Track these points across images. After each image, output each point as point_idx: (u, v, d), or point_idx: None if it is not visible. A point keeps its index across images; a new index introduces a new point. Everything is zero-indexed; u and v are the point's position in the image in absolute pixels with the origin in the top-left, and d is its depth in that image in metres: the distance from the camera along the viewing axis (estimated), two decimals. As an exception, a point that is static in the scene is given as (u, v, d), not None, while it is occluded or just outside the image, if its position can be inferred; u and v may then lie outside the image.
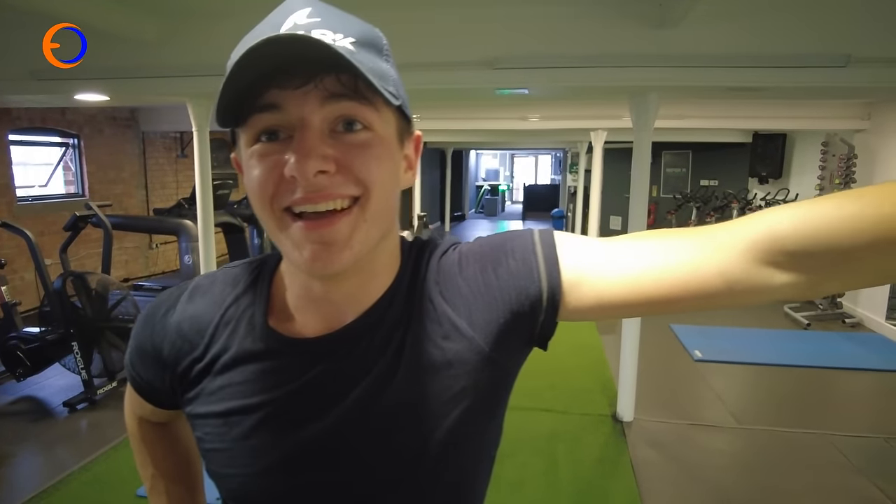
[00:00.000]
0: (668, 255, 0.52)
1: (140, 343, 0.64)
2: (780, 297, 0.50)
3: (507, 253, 0.57)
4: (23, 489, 2.78)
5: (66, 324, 3.67)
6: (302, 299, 0.59)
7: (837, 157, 5.78)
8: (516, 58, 2.71)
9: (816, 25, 2.46)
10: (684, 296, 0.52)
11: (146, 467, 0.77)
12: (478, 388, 0.57)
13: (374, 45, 0.52)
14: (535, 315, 0.56)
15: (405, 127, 0.56)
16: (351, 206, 0.50)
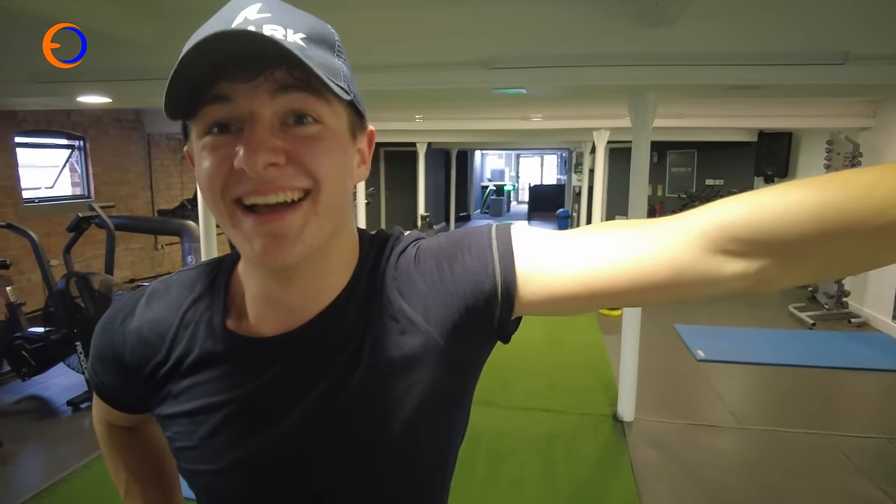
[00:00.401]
0: (618, 246, 0.52)
1: (100, 351, 0.64)
2: (730, 288, 0.49)
3: (464, 249, 0.58)
4: (26, 486, 2.81)
5: (69, 324, 3.71)
6: (259, 299, 0.59)
7: (842, 155, 5.73)
8: (511, 58, 2.71)
9: (814, 23, 2.44)
10: (634, 287, 0.51)
11: (119, 473, 0.77)
12: (436, 381, 0.57)
13: (325, 41, 0.52)
14: (491, 309, 0.56)
15: (358, 122, 0.56)
16: (302, 200, 0.51)
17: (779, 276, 0.48)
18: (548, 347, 4.66)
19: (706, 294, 0.51)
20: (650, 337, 3.76)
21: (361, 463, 0.57)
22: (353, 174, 0.57)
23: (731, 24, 2.54)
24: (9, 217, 5.31)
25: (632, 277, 0.51)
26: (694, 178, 9.60)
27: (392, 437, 0.57)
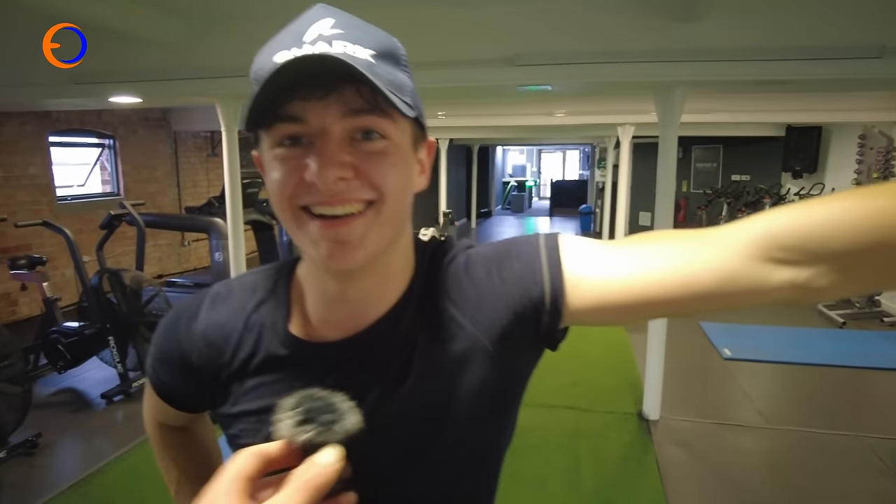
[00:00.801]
0: (666, 255, 0.53)
1: (164, 352, 0.66)
2: (778, 298, 0.50)
3: (512, 256, 0.60)
4: (64, 477, 2.91)
5: (102, 319, 3.81)
6: (320, 302, 0.61)
7: (875, 150, 5.59)
8: (537, 54, 2.70)
9: (848, 16, 2.39)
10: (683, 295, 0.52)
11: (170, 471, 0.79)
12: (484, 385, 0.59)
13: (392, 56, 0.54)
14: (539, 316, 0.57)
15: (419, 134, 0.58)
16: (365, 210, 0.53)
17: (828, 286, 0.48)
18: (573, 344, 4.55)
19: (754, 303, 0.52)
20: (675, 335, 3.72)
21: (412, 464, 0.59)
22: (414, 184, 0.59)
23: (760, 19, 2.50)
24: (43, 214, 5.48)
25: (681, 286, 0.52)
26: (720, 173, 9.44)
27: (442, 439, 0.59)
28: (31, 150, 5.71)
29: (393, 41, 0.55)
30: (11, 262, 3.82)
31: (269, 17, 2.91)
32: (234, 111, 3.83)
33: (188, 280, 6.32)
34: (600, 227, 10.43)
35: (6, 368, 3.03)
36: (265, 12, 2.87)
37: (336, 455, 0.43)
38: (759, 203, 8.35)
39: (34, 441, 3.11)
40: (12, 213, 5.19)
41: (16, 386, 3.03)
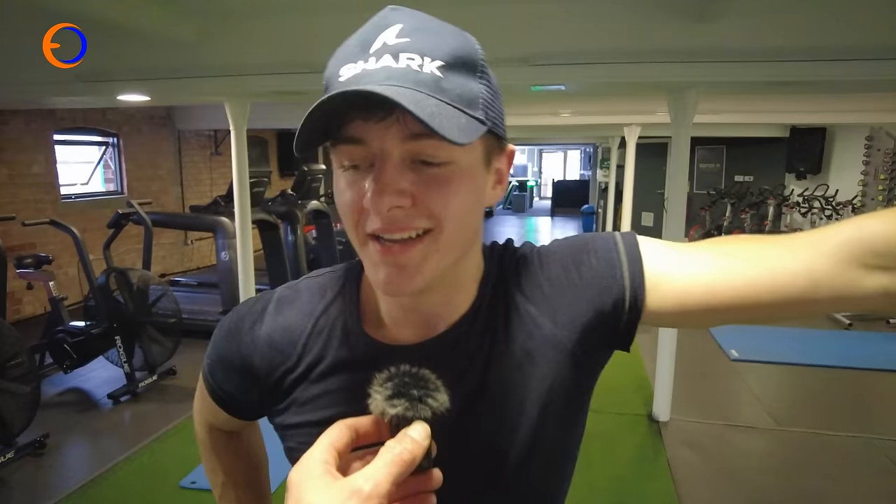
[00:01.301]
0: (750, 258, 0.53)
1: (224, 355, 0.64)
2: (870, 306, 0.49)
3: (590, 252, 0.59)
4: (73, 478, 2.89)
5: (109, 318, 3.79)
6: (393, 308, 0.60)
7: (883, 151, 5.59)
8: (552, 54, 2.69)
9: (866, 17, 2.38)
10: (769, 300, 0.51)
11: (216, 474, 0.78)
12: (563, 386, 0.59)
13: (466, 62, 0.50)
14: (618, 314, 0.57)
15: (495, 145, 0.55)
16: (424, 236, 0.51)
17: None
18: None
19: (842, 309, 0.51)
20: (683, 336, 3.72)
21: (496, 463, 0.59)
22: (486, 199, 0.56)
23: (778, 19, 2.48)
24: (48, 212, 5.46)
25: (768, 290, 0.51)
26: (723, 174, 9.44)
27: (521, 438, 0.58)
28: (35, 148, 5.69)
29: (468, 44, 0.51)
30: (18, 260, 3.80)
31: (278, 16, 2.90)
32: (242, 110, 3.81)
33: (192, 279, 6.31)
34: (603, 228, 10.42)
35: (14, 368, 3.00)
36: (275, 11, 2.85)
37: (425, 431, 0.44)
38: (762, 204, 8.35)
39: (42, 441, 3.09)
40: (17, 211, 5.15)
41: (24, 385, 3.01)
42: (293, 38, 2.95)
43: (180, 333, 4.11)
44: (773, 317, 0.54)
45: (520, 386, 0.58)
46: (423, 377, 0.46)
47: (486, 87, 0.51)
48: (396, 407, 0.44)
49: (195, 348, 4.56)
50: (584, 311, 0.57)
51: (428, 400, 0.45)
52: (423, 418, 0.44)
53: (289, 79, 3.06)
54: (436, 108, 0.45)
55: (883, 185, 5.56)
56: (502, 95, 0.55)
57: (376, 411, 0.45)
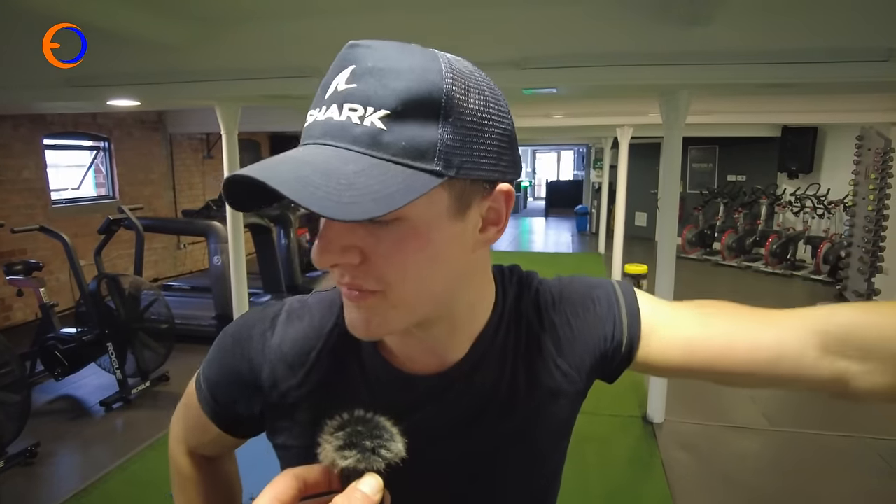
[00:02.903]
0: (738, 325, 0.58)
1: (230, 363, 0.61)
2: (825, 387, 0.56)
3: (594, 300, 0.63)
4: (64, 487, 2.86)
5: (100, 324, 3.76)
6: (402, 338, 0.58)
7: (873, 150, 5.62)
8: (544, 58, 2.69)
9: (855, 19, 2.39)
10: (741, 364, 0.57)
11: (190, 502, 0.73)
12: (568, 413, 0.64)
13: (421, 105, 0.44)
14: (613, 357, 0.62)
15: (476, 189, 0.49)
16: (376, 293, 0.48)
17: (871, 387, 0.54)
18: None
19: (801, 388, 0.57)
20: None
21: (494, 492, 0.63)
22: (467, 247, 0.51)
23: (768, 22, 2.49)
24: (38, 218, 5.41)
25: (740, 357, 0.57)
26: (715, 174, 9.48)
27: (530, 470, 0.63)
28: (25, 153, 5.64)
29: (427, 83, 0.44)
30: (8, 267, 3.76)
31: (268, 20, 2.88)
32: (233, 113, 3.80)
33: (184, 283, 6.26)
34: (597, 228, 10.44)
35: (3, 376, 2.97)
36: (265, 15, 2.83)
37: (377, 484, 0.41)
38: (755, 203, 8.39)
39: (33, 450, 3.06)
40: (6, 217, 5.11)
41: (14, 394, 2.97)
42: (283, 42, 2.93)
43: (173, 339, 4.08)
44: (743, 383, 0.60)
45: (544, 419, 0.61)
46: (378, 426, 0.44)
47: (450, 129, 0.45)
48: (347, 459, 0.42)
49: (188, 354, 4.53)
50: (590, 354, 0.62)
51: (381, 451, 0.42)
52: (375, 470, 0.42)
53: (279, 83, 3.04)
54: (350, 178, 0.41)
55: (874, 185, 5.59)
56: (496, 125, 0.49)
57: (326, 461, 0.43)
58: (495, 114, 0.48)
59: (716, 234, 8.77)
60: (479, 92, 0.47)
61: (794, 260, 7.69)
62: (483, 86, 0.48)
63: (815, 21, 2.44)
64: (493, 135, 0.48)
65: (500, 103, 0.49)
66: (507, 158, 0.50)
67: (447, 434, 0.59)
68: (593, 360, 0.62)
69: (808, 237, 7.59)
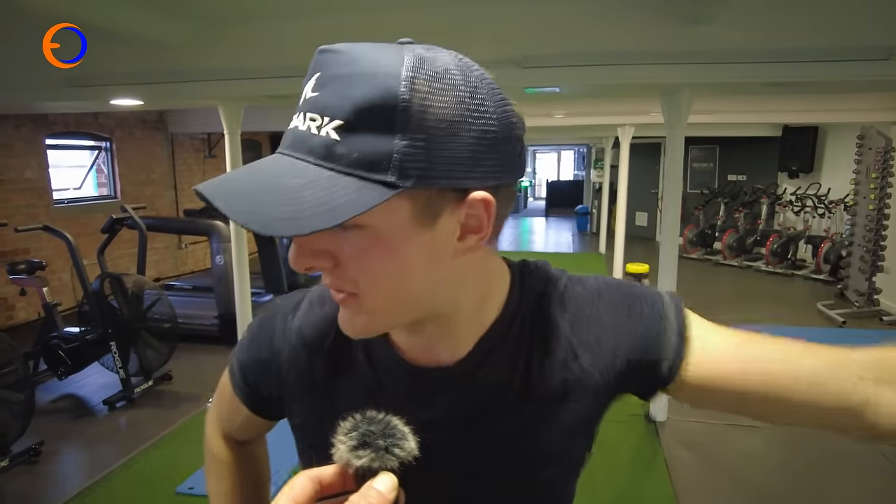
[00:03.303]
0: (793, 360, 0.57)
1: (256, 346, 0.65)
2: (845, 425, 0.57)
3: (641, 301, 0.60)
4: (69, 486, 2.87)
5: (104, 324, 3.77)
6: (408, 331, 0.59)
7: (874, 150, 5.63)
8: (545, 56, 2.69)
9: (857, 18, 2.40)
10: (802, 406, 0.56)
11: (220, 483, 0.77)
12: (587, 415, 0.60)
13: (376, 115, 0.42)
14: (650, 372, 0.58)
15: (445, 197, 0.47)
16: (353, 295, 0.50)
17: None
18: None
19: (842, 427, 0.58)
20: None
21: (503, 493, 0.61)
22: (446, 254, 0.50)
23: (770, 21, 2.50)
24: (40, 218, 5.41)
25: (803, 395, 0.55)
26: (716, 173, 9.49)
27: (540, 470, 0.60)
28: (27, 153, 5.65)
29: (385, 90, 0.42)
30: (11, 266, 3.77)
31: (272, 19, 2.89)
32: (236, 113, 3.81)
33: (186, 283, 6.27)
34: (597, 227, 10.45)
35: (7, 375, 2.98)
36: (268, 14, 2.84)
37: (391, 483, 0.42)
38: (756, 203, 8.40)
39: (36, 449, 3.07)
40: (9, 216, 5.12)
41: (18, 393, 2.98)
42: (287, 42, 2.94)
43: (176, 338, 4.09)
44: (798, 424, 0.58)
45: (556, 416, 0.59)
46: (390, 425, 0.45)
47: (408, 138, 0.43)
48: (361, 458, 0.43)
49: (191, 353, 4.54)
50: (624, 358, 0.58)
51: (395, 449, 0.43)
52: (389, 469, 0.43)
53: (283, 82, 3.04)
54: (293, 193, 0.42)
55: (875, 184, 5.60)
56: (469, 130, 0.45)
57: (340, 462, 0.44)
58: (472, 116, 0.45)
59: (716, 233, 8.77)
60: (452, 94, 0.44)
61: (794, 259, 7.70)
62: (460, 86, 0.44)
63: (817, 20, 2.45)
64: (466, 140, 0.44)
65: (482, 104, 0.45)
66: (488, 163, 0.46)
67: (448, 432, 0.58)
68: (626, 365, 0.58)
69: (809, 237, 7.59)
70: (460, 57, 0.48)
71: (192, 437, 3.32)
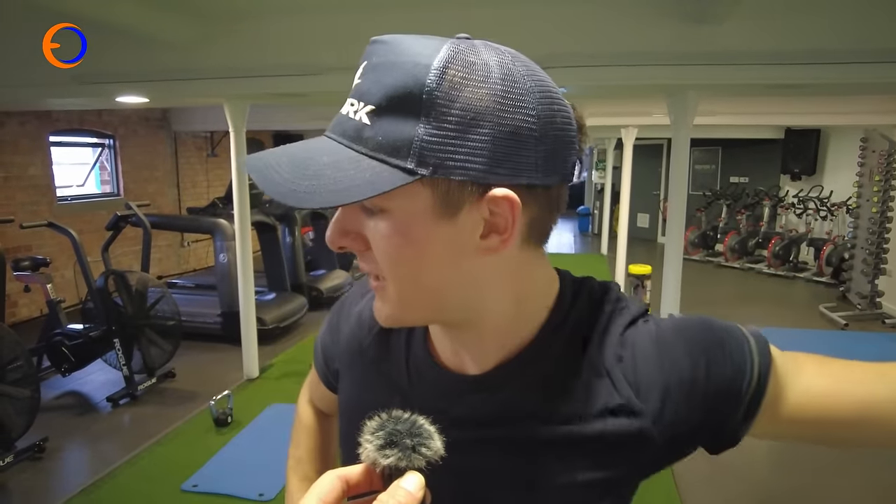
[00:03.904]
0: (882, 385, 0.55)
1: (330, 326, 0.72)
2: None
3: (725, 353, 0.53)
4: (73, 482, 2.87)
5: (107, 321, 3.77)
6: (441, 333, 0.59)
7: (877, 153, 5.63)
8: (553, 56, 2.69)
9: (868, 20, 2.40)
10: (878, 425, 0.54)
11: (296, 448, 0.84)
12: (628, 477, 0.55)
13: (404, 102, 0.43)
14: (720, 430, 0.54)
15: (466, 190, 0.46)
16: (381, 280, 0.52)
17: None
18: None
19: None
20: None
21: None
22: (467, 251, 0.48)
23: (778, 23, 2.50)
24: (43, 215, 5.42)
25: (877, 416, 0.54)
26: (718, 175, 9.49)
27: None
28: (32, 150, 5.65)
29: (411, 77, 0.44)
30: (15, 263, 3.77)
31: (278, 17, 2.89)
32: (241, 112, 3.81)
33: (189, 281, 6.27)
34: (599, 228, 10.45)
35: (13, 371, 2.98)
36: (274, 12, 2.84)
37: (419, 482, 0.42)
38: (758, 205, 8.40)
39: (41, 445, 3.07)
40: (13, 213, 5.12)
41: (23, 389, 2.99)
42: (293, 40, 2.94)
43: (179, 336, 4.09)
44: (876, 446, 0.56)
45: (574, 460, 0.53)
46: (416, 424, 0.45)
47: (431, 126, 0.43)
48: (389, 457, 0.43)
49: (193, 351, 4.55)
50: (697, 415, 0.53)
51: (422, 449, 0.43)
52: (416, 468, 0.43)
53: (289, 81, 3.05)
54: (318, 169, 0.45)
55: (878, 187, 5.60)
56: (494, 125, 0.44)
57: (367, 461, 0.44)
58: (504, 111, 0.44)
59: (718, 235, 8.77)
60: (484, 87, 0.44)
61: (796, 262, 7.70)
62: (495, 80, 0.44)
63: (824, 21, 2.45)
64: (493, 134, 0.44)
65: (519, 100, 0.45)
66: (519, 161, 0.45)
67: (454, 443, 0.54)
68: (699, 422, 0.52)
69: (811, 239, 7.59)
70: (514, 54, 0.47)
71: (196, 434, 3.32)
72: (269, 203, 5.80)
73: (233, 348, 4.36)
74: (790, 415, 0.54)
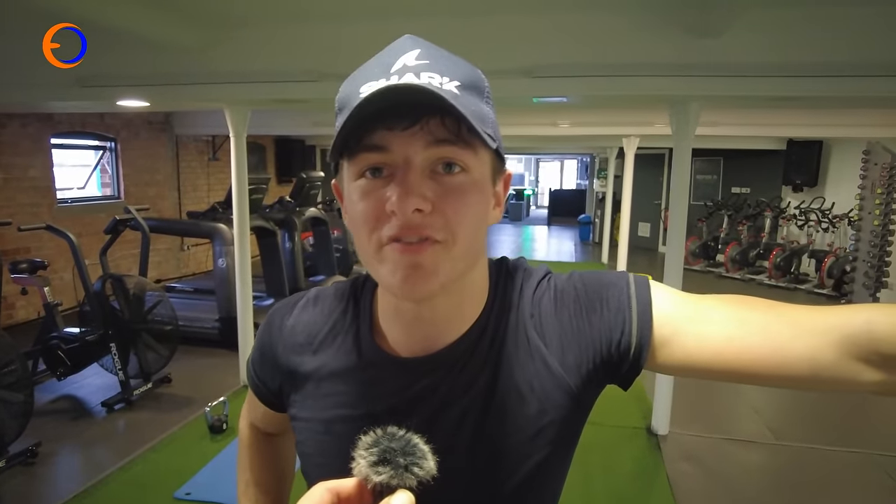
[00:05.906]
0: (758, 331, 0.55)
1: (261, 344, 0.70)
2: (864, 391, 0.53)
3: (603, 301, 0.60)
4: (65, 488, 2.84)
5: (104, 325, 3.75)
6: (395, 320, 0.61)
7: (880, 165, 5.62)
8: (555, 66, 2.69)
9: (871, 33, 2.39)
10: (770, 374, 0.54)
11: (244, 472, 0.82)
12: (562, 424, 0.60)
13: (476, 87, 0.54)
14: (621, 364, 0.59)
15: (498, 167, 0.58)
16: (438, 242, 0.53)
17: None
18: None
19: (838, 390, 0.54)
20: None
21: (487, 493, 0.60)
22: (489, 218, 0.58)
23: (780, 35, 2.49)
24: (43, 217, 5.41)
25: (773, 367, 0.54)
26: (720, 185, 9.48)
27: (518, 470, 0.59)
28: (32, 152, 5.65)
29: (477, 73, 0.55)
30: (12, 265, 3.75)
31: (279, 24, 2.89)
32: (242, 116, 3.80)
33: (187, 285, 6.25)
34: (600, 237, 10.44)
35: (7, 375, 2.96)
36: (275, 18, 2.84)
37: (409, 501, 0.42)
38: (759, 216, 8.38)
39: (34, 450, 3.04)
40: (12, 215, 5.12)
41: (17, 393, 2.96)
42: (293, 46, 2.94)
43: (176, 341, 4.07)
44: (769, 385, 0.57)
45: (520, 418, 0.59)
46: (411, 443, 0.45)
47: (492, 111, 0.56)
48: (381, 475, 0.43)
49: (190, 356, 4.52)
50: (591, 358, 0.59)
51: (414, 468, 0.44)
52: (407, 487, 0.43)
53: (290, 86, 3.05)
54: (464, 110, 0.48)
55: (880, 199, 5.58)
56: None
57: (359, 476, 0.44)
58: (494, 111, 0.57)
59: (719, 245, 8.75)
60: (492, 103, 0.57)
61: (797, 273, 7.68)
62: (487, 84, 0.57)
63: (827, 35, 2.44)
64: (496, 125, 0.56)
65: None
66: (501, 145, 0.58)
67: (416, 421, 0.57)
68: (594, 364, 0.59)
69: (812, 251, 7.57)
70: None
71: (191, 441, 3.29)
72: (269, 208, 5.79)
73: (230, 354, 4.34)
74: (682, 359, 0.57)
